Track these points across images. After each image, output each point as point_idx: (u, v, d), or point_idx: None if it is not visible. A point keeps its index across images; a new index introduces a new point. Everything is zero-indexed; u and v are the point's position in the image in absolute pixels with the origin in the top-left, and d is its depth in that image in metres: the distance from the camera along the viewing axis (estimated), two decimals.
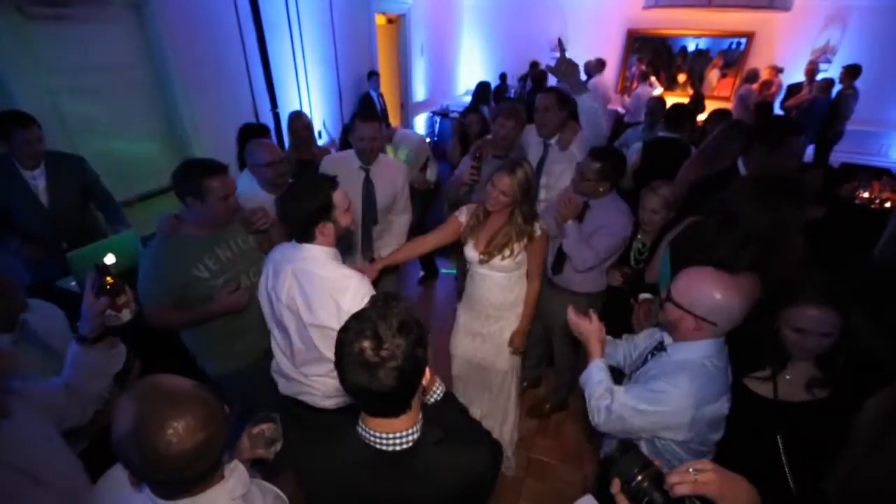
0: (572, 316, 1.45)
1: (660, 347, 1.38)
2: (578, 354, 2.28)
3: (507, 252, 1.86)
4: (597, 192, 2.12)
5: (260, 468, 1.18)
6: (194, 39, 3.52)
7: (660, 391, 1.23)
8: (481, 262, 1.91)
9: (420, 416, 0.95)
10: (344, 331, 0.86)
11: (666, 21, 7.00)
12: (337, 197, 1.44)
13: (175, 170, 1.62)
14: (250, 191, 2.18)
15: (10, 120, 2.22)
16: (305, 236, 1.46)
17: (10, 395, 1.08)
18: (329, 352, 1.48)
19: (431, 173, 3.32)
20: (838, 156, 5.79)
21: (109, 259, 2.12)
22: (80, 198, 2.53)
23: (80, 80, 2.99)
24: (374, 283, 1.60)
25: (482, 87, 5.72)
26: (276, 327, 1.62)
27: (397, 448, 0.90)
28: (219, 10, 3.70)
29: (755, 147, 2.02)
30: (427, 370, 0.93)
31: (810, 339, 1.23)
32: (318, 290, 1.45)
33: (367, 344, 0.82)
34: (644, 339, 1.53)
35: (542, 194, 2.62)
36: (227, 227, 1.77)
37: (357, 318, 0.87)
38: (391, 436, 0.90)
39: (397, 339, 0.83)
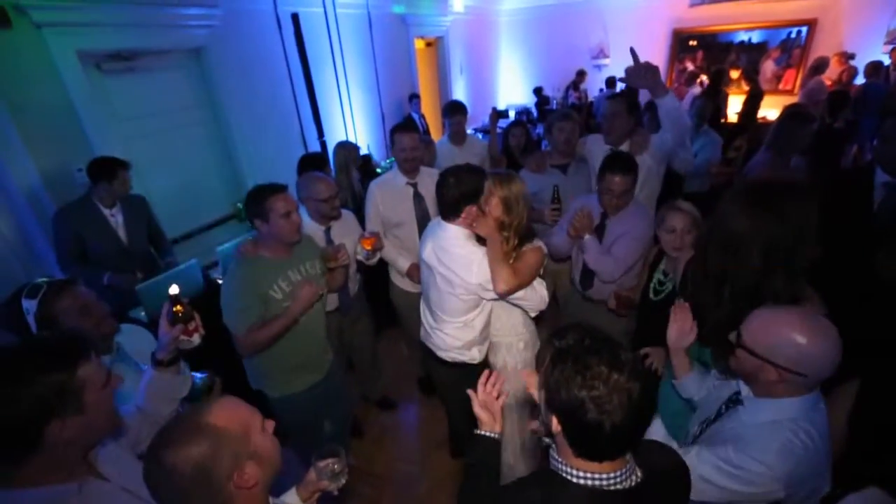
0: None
1: (735, 400, 1.16)
2: None
3: None
4: (626, 203, 2.05)
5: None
6: (247, 78, 3.76)
7: (740, 467, 1.01)
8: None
9: None
10: (573, 388, 0.79)
11: (714, 17, 6.68)
12: (486, 185, 1.64)
13: (245, 198, 1.77)
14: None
15: (114, 164, 2.47)
16: (452, 214, 1.68)
17: None
18: (451, 316, 1.77)
19: None
20: None
21: (174, 290, 2.24)
22: (147, 232, 2.74)
23: (149, 123, 3.25)
24: None
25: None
26: (424, 288, 1.91)
27: (636, 479, 0.84)
28: (268, 50, 3.94)
29: (887, 125, 1.81)
30: None
31: None
32: (453, 264, 1.69)
33: (616, 376, 0.77)
34: (721, 384, 1.31)
35: None
36: (297, 251, 1.85)
37: (574, 360, 0.80)
38: (622, 472, 0.83)
39: (629, 355, 0.81)
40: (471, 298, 1.71)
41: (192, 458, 0.77)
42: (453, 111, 3.29)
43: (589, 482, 0.82)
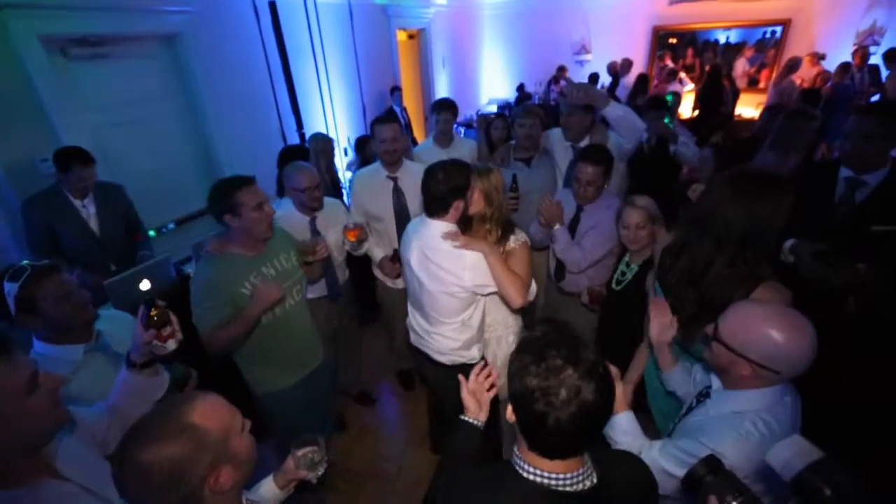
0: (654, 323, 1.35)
1: (705, 394, 1.18)
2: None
3: None
4: (597, 195, 2.11)
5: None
6: (223, 68, 3.65)
7: (694, 455, 0.99)
8: None
9: None
10: (527, 376, 0.77)
11: (694, 15, 6.78)
12: (474, 180, 1.64)
13: (209, 194, 1.68)
14: (286, 212, 2.20)
15: (71, 157, 2.32)
16: (441, 210, 1.63)
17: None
18: (447, 317, 1.71)
19: None
20: None
21: (145, 285, 2.17)
22: (124, 223, 2.64)
23: (120, 113, 3.13)
24: None
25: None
26: (412, 290, 1.84)
27: (590, 484, 0.81)
28: (245, 39, 3.83)
29: (849, 122, 1.84)
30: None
31: None
32: (442, 260, 1.64)
33: (570, 371, 0.75)
34: (702, 377, 1.32)
35: None
36: (270, 245, 1.78)
37: (534, 350, 0.79)
38: (575, 475, 0.80)
39: (590, 355, 0.78)
40: (466, 296, 1.68)
41: (170, 458, 0.75)
42: (442, 108, 3.11)
43: (538, 479, 0.81)
